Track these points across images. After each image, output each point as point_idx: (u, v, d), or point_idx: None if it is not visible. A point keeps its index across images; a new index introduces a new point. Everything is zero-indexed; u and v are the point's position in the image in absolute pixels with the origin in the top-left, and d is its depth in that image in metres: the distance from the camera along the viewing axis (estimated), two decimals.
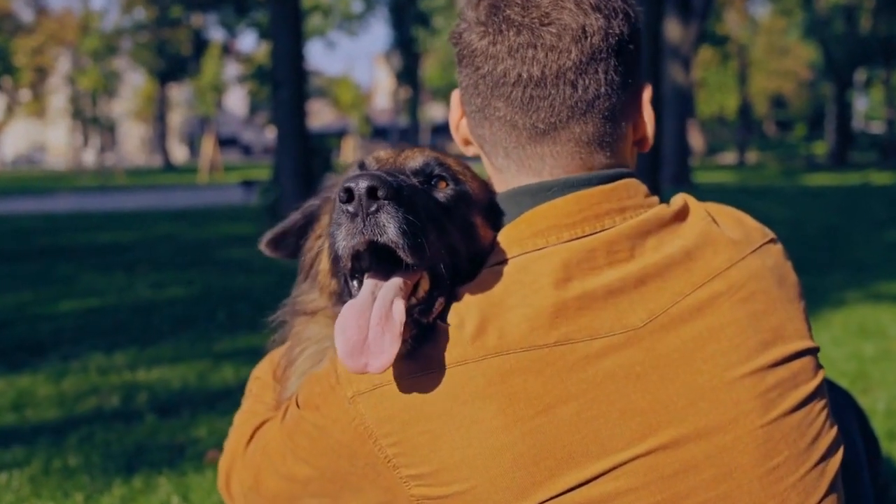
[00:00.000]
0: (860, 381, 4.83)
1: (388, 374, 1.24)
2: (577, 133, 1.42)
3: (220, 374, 5.17)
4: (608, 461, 1.20)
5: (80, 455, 3.80)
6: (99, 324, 6.71)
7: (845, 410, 1.78)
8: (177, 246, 12.46)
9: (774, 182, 28.87)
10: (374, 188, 1.16)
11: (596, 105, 1.41)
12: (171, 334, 6.31)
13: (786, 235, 8.13)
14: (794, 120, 73.69)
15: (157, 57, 54.77)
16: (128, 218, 17.84)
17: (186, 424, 4.22)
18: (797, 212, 16.48)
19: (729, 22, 51.48)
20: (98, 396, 4.72)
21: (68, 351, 5.78)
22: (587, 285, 1.27)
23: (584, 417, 1.20)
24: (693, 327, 1.29)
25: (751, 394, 1.27)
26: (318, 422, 1.30)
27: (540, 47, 1.38)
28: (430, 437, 1.21)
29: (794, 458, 1.28)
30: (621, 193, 1.39)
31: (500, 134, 1.44)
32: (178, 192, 28.35)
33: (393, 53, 56.62)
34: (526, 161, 1.44)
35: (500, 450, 1.19)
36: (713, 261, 1.35)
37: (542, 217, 1.36)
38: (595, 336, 1.24)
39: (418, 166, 1.39)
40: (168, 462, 3.72)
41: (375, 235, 1.17)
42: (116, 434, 4.09)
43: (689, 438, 1.23)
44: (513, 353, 1.21)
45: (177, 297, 7.94)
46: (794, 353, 1.34)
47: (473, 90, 1.45)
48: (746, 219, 1.51)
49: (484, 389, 1.20)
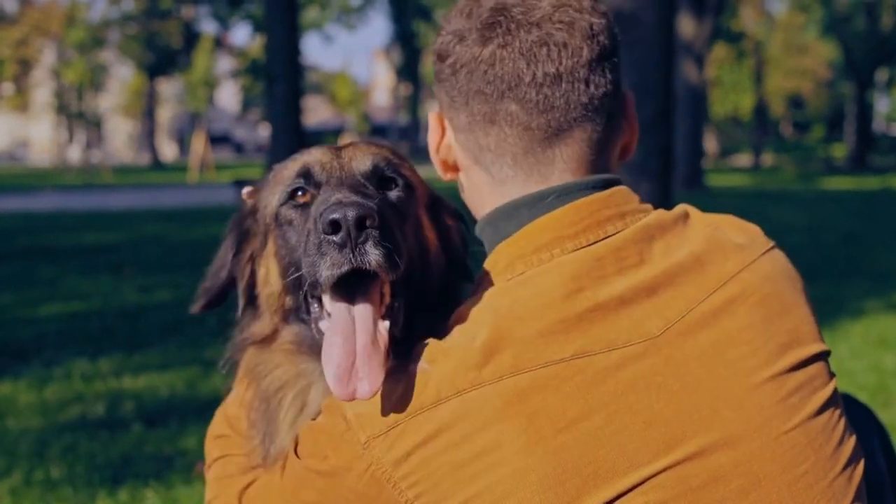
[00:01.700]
0: (880, 394, 4.84)
1: (400, 412, 1.23)
2: (588, 132, 1.46)
3: (209, 382, 5.17)
4: (636, 475, 1.20)
5: (63, 466, 3.81)
6: (83, 329, 6.72)
7: (866, 428, 1.78)
8: (165, 247, 12.46)
9: (791, 186, 28.88)
10: (362, 219, 1.19)
11: (604, 104, 1.47)
12: (158, 340, 6.31)
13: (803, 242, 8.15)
14: (811, 121, 73.70)
15: (145, 50, 54.83)
16: (114, 218, 17.85)
17: (174, 435, 4.22)
18: (815, 217, 16.48)
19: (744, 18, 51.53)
20: (82, 405, 4.72)
21: (51, 357, 5.78)
22: (599, 296, 1.28)
23: (607, 431, 1.21)
24: (711, 333, 1.30)
25: (773, 398, 1.29)
26: (329, 472, 1.29)
27: (553, 45, 1.42)
28: (450, 470, 1.20)
29: (821, 463, 1.29)
30: (618, 199, 1.43)
31: (510, 139, 1.46)
32: (167, 192, 28.35)
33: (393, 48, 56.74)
34: (535, 166, 1.46)
35: (524, 473, 1.18)
36: (724, 265, 1.38)
37: (542, 230, 1.38)
38: (613, 347, 1.25)
39: (368, 170, 1.40)
40: (155, 474, 3.72)
41: (364, 264, 1.20)
42: (101, 444, 4.10)
43: (717, 447, 1.24)
44: (529, 371, 1.22)
45: (165, 301, 7.95)
46: (811, 357, 1.37)
47: (476, 98, 1.47)
48: (749, 226, 1.54)
49: (502, 412, 1.20)
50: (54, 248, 12.24)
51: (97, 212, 19.55)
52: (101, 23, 56.18)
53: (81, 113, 58.89)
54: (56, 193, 27.40)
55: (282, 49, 14.12)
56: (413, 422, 1.23)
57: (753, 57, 54.18)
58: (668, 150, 6.86)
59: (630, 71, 6.53)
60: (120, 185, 33.24)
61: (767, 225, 1.70)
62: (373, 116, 74.22)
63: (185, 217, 18.05)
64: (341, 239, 1.19)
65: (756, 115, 54.35)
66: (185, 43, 55.50)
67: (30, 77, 60.64)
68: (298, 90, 14.71)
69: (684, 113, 24.94)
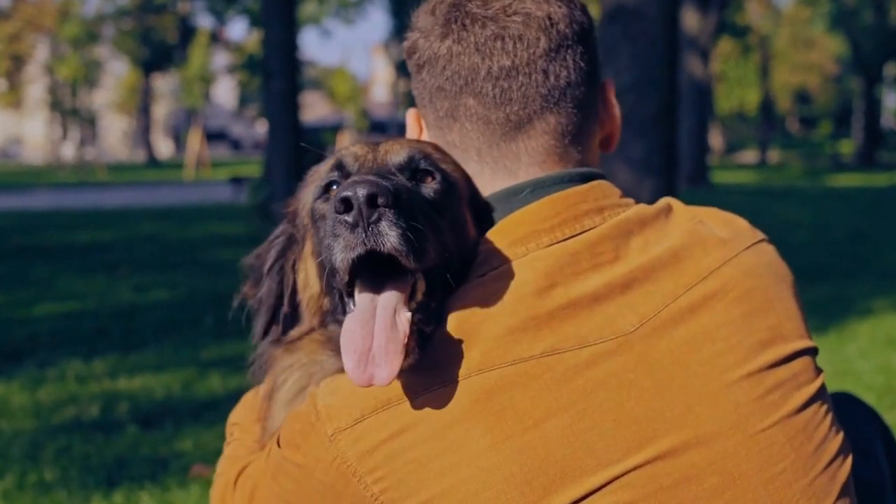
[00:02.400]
0: (888, 395, 4.83)
1: (367, 406, 1.24)
2: (552, 124, 1.47)
3: (206, 383, 5.17)
4: (605, 474, 1.20)
5: (56, 468, 3.81)
6: (78, 329, 6.72)
7: (869, 429, 1.78)
8: (161, 246, 12.47)
9: (797, 183, 28.88)
10: (373, 196, 1.16)
11: (567, 94, 1.47)
12: (154, 340, 6.31)
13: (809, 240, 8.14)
14: (819, 117, 73.72)
15: (141, 45, 54.85)
16: (109, 216, 17.86)
17: (170, 437, 4.23)
18: (822, 215, 16.47)
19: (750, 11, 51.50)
20: (76, 406, 4.72)
21: (45, 357, 5.78)
22: (572, 292, 1.28)
23: (576, 430, 1.21)
24: (686, 329, 1.30)
25: (750, 396, 1.28)
26: (300, 462, 1.30)
27: (508, 38, 1.44)
28: (415, 467, 1.21)
29: (801, 462, 1.29)
30: (597, 193, 1.42)
31: (472, 134, 1.48)
32: (163, 189, 28.39)
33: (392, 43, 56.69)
34: (500, 161, 1.48)
35: (489, 471, 1.19)
36: (703, 260, 1.37)
37: (517, 224, 1.38)
38: (584, 344, 1.25)
39: (402, 161, 1.38)
40: (150, 476, 3.72)
41: (378, 245, 1.17)
42: (96, 446, 4.10)
43: (689, 446, 1.24)
44: (497, 368, 1.22)
45: (161, 300, 7.95)
46: (794, 353, 1.36)
47: (438, 94, 1.49)
48: (736, 219, 1.54)
49: (469, 409, 1.21)
50: (48, 247, 12.25)
51: (92, 210, 19.56)
52: (96, 17, 56.21)
53: (75, 109, 58.89)
54: (50, 191, 27.41)
55: (279, 44, 14.10)
56: (380, 416, 1.23)
57: (759, 51, 54.16)
58: (672, 147, 6.85)
59: (633, 66, 6.53)
60: (115, 182, 33.26)
61: (773, 222, 1.71)
62: (372, 112, 74.21)
63: (181, 215, 18.06)
64: (353, 218, 1.17)
65: (762, 111, 54.35)
66: (180, 38, 55.50)
67: (23, 73, 60.60)
68: (296, 86, 14.68)
69: (689, 109, 24.94)
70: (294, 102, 14.42)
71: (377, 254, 1.18)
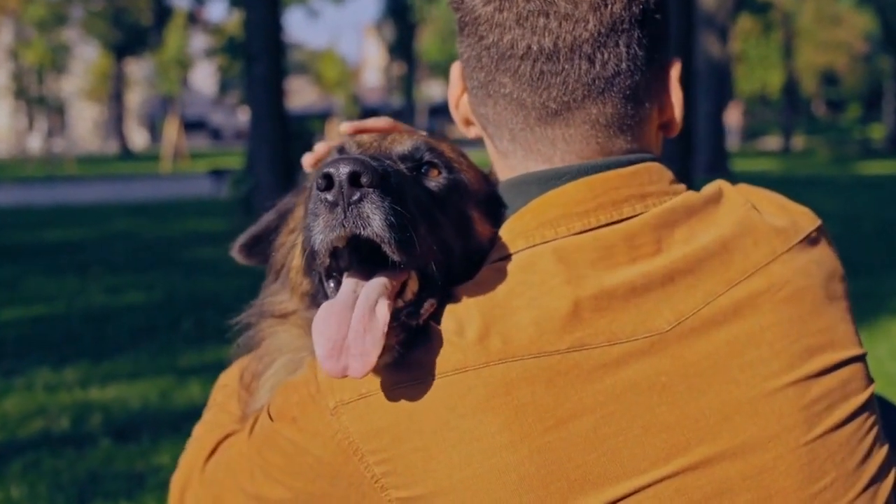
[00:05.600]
0: None
1: (375, 383, 1.24)
2: (593, 114, 1.42)
3: (185, 391, 5.18)
4: (629, 484, 1.19)
5: (24, 485, 3.81)
6: (46, 334, 6.72)
7: None
8: (136, 245, 12.47)
9: (824, 171, 28.89)
10: (356, 174, 1.15)
11: (616, 83, 1.41)
12: (129, 346, 6.32)
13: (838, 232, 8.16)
14: (847, 99, 73.76)
15: (112, 27, 54.81)
16: (80, 213, 17.86)
17: (146, 450, 4.23)
18: (851, 205, 16.48)
19: None
20: (45, 418, 4.73)
21: (11, 365, 5.78)
22: (605, 283, 1.26)
23: (601, 434, 1.20)
24: (728, 331, 1.28)
25: (794, 406, 1.27)
26: (295, 436, 1.30)
27: (553, 15, 1.37)
28: (424, 456, 1.21)
29: (842, 480, 1.28)
30: (643, 178, 1.39)
31: (505, 114, 1.44)
32: (138, 183, 28.38)
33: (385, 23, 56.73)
34: (534, 145, 1.44)
35: (503, 470, 1.19)
36: (753, 253, 1.35)
37: (550, 205, 1.36)
38: (614, 341, 1.23)
39: (406, 151, 1.39)
40: (126, 493, 3.73)
41: (358, 228, 1.16)
42: (67, 461, 4.10)
43: (723, 457, 1.23)
44: (519, 360, 1.21)
45: (136, 303, 7.95)
46: (844, 361, 1.34)
47: (476, 63, 1.45)
48: (791, 204, 1.50)
49: (486, 401, 1.20)
50: (14, 247, 12.25)
51: (61, 206, 19.56)
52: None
53: (42, 97, 58.87)
54: (15, 186, 27.39)
55: (262, 25, 14.10)
56: (387, 395, 1.23)
57: (782, 29, 54.13)
58: (687, 133, 6.87)
59: None
60: (85, 176, 33.24)
61: None
62: (363, 98, 74.18)
63: (157, 211, 18.06)
64: (333, 196, 1.16)
65: (786, 94, 54.34)
66: (155, 19, 55.46)
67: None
68: (281, 70, 14.68)
69: (706, 91, 24.94)
70: (279, 88, 14.43)
71: (360, 240, 1.18)
